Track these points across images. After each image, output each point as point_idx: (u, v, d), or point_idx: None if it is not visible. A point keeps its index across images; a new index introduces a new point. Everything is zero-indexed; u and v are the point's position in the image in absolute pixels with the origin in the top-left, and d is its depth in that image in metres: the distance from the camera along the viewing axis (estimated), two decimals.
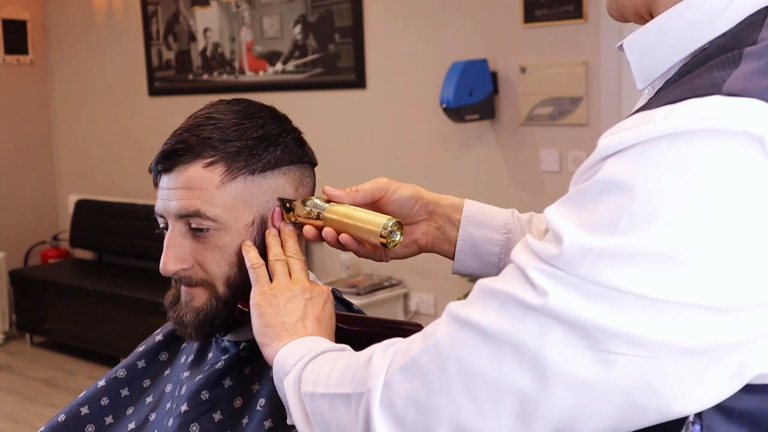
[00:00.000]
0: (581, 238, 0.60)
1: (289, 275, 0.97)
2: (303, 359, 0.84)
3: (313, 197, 1.01)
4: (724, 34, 0.67)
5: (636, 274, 0.58)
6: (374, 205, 1.02)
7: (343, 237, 0.98)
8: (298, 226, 1.02)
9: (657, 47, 0.72)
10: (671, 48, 0.71)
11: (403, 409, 0.68)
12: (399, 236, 0.97)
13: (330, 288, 1.02)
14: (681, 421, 0.64)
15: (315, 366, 0.82)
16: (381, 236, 0.95)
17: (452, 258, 1.06)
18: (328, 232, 0.99)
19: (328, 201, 1.00)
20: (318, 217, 1.00)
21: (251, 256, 0.98)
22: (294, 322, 0.92)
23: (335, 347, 0.87)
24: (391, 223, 0.95)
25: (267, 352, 0.91)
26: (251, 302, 0.95)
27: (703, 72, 0.64)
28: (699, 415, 0.63)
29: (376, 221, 0.95)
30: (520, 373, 0.62)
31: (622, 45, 0.76)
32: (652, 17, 0.75)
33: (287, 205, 1.01)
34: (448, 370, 0.66)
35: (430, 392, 0.67)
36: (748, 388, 0.62)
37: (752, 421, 0.63)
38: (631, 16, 0.79)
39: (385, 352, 0.74)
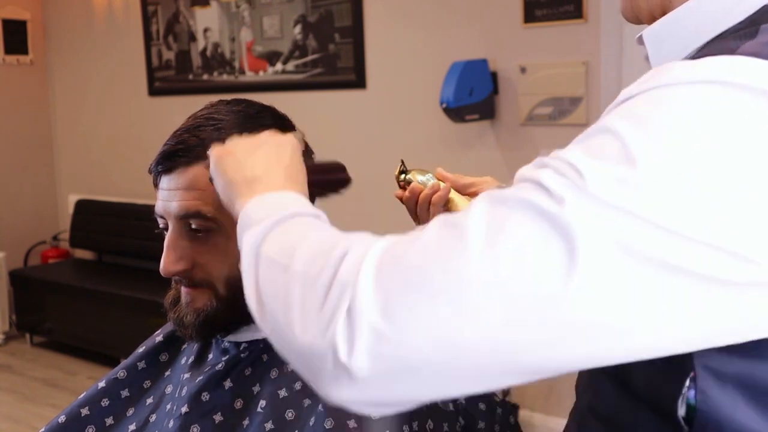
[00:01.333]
0: (596, 165, 0.58)
1: None
2: (270, 218, 0.72)
3: (428, 173, 1.18)
4: (741, 22, 0.69)
5: (654, 202, 0.56)
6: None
7: (435, 208, 1.14)
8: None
9: (676, 36, 0.74)
10: (689, 37, 0.73)
11: (377, 309, 0.59)
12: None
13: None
14: (678, 385, 0.64)
15: (283, 230, 0.71)
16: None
17: None
18: (436, 198, 1.14)
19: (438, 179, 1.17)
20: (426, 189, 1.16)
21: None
22: (258, 175, 0.81)
23: (309, 212, 0.74)
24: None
25: (233, 212, 0.80)
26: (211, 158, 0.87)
27: (717, 42, 0.67)
28: (693, 380, 0.63)
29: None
30: (515, 280, 0.57)
31: (641, 37, 0.78)
32: None
33: (403, 168, 1.17)
34: (432, 271, 0.59)
35: (413, 292, 0.59)
36: (740, 353, 0.61)
37: (743, 384, 0.63)
38: (645, 18, 0.80)
39: (362, 250, 0.63)
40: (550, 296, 0.57)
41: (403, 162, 1.18)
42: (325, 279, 0.63)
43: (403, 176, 1.17)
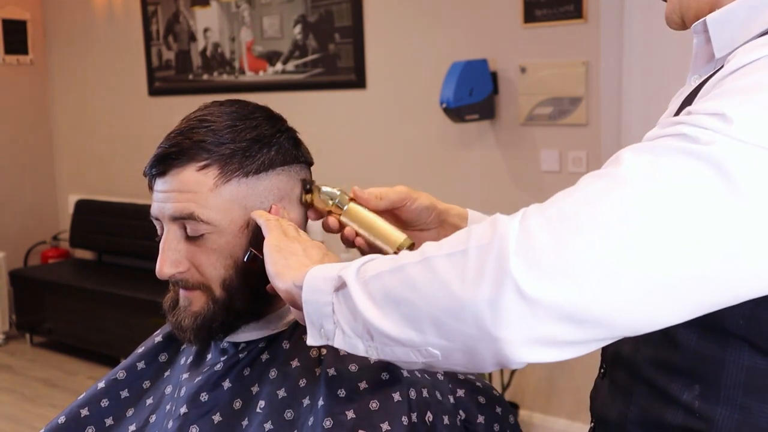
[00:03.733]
0: (743, 112, 0.63)
1: None
2: (354, 264, 0.77)
3: (334, 188, 1.03)
4: None
5: None
6: (393, 212, 1.05)
7: (358, 240, 1.02)
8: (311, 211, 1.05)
9: (736, 23, 0.78)
10: (748, 24, 0.77)
11: (545, 253, 0.64)
12: None
13: None
14: None
15: (377, 262, 0.75)
16: (394, 253, 0.99)
17: None
18: (349, 232, 1.02)
19: (351, 198, 1.03)
20: (330, 208, 1.03)
21: (262, 213, 0.97)
22: (316, 260, 0.87)
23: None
24: (406, 245, 1.00)
25: (288, 277, 0.84)
26: (267, 244, 0.90)
27: None
28: None
29: (393, 239, 1.00)
30: (677, 215, 0.62)
31: (703, 23, 0.81)
32: None
33: (307, 186, 1.03)
34: (600, 211, 0.63)
35: (579, 232, 0.63)
36: None
37: None
38: (691, 19, 0.84)
39: (505, 219, 0.68)
40: (717, 220, 0.62)
41: (303, 181, 1.04)
42: (478, 239, 0.67)
43: (307, 195, 1.03)
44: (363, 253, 1.02)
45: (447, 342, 0.69)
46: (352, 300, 0.74)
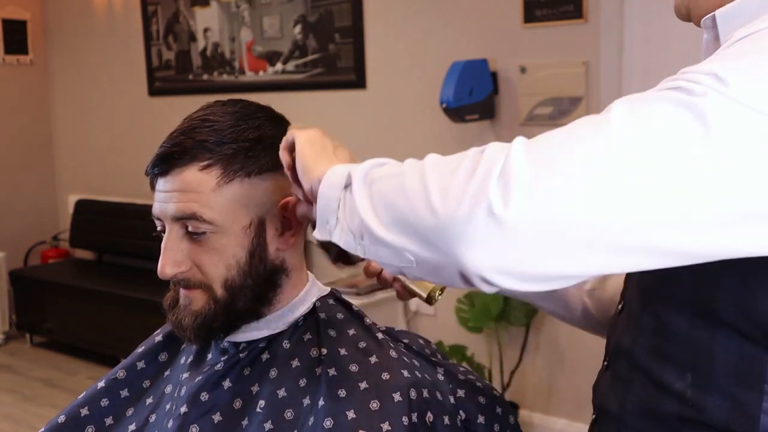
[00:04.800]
0: (739, 74, 0.64)
1: None
2: (368, 164, 0.78)
3: None
4: None
5: None
6: None
7: (396, 285, 1.03)
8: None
9: (746, 16, 0.77)
10: (756, 16, 0.77)
11: (521, 177, 0.65)
12: (440, 297, 1.02)
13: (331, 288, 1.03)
14: None
15: (388, 167, 0.77)
16: (428, 298, 1.00)
17: None
18: (387, 276, 1.02)
19: None
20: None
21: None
22: (344, 161, 0.86)
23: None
24: (437, 290, 1.00)
25: (314, 173, 0.82)
26: (299, 141, 0.86)
27: None
28: None
29: (426, 284, 1.00)
30: (648, 159, 0.63)
31: (712, 18, 0.81)
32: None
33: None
34: (580, 149, 0.65)
35: (554, 163, 0.66)
36: None
37: None
38: (697, 18, 0.84)
39: (501, 144, 0.71)
40: (684, 167, 0.63)
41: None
42: (468, 163, 0.70)
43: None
44: (399, 296, 1.04)
45: (420, 250, 0.71)
46: (353, 198, 0.76)
